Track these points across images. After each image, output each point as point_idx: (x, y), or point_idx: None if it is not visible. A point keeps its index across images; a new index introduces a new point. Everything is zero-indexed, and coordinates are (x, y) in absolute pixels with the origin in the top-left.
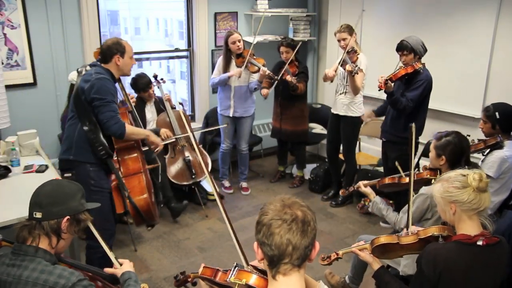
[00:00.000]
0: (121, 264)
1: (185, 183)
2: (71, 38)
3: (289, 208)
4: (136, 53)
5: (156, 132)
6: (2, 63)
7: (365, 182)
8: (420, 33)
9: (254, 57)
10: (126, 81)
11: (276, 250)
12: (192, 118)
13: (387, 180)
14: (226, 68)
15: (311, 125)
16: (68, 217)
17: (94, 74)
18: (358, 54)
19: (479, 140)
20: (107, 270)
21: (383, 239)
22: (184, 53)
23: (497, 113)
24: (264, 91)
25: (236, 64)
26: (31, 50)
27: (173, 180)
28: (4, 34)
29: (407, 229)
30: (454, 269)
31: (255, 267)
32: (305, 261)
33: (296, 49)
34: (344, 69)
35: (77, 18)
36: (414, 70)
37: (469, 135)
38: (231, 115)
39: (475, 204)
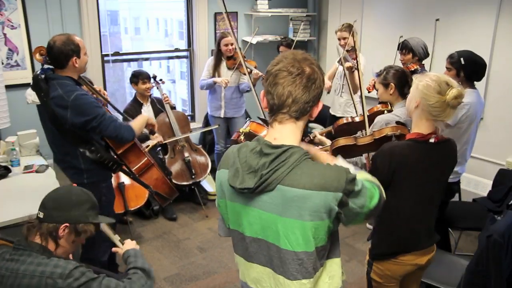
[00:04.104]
0: (123, 244)
1: (185, 183)
2: None
3: (298, 62)
4: (136, 53)
5: (147, 137)
6: (2, 63)
7: (321, 131)
8: (420, 33)
9: (246, 59)
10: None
11: (276, 99)
12: (192, 118)
13: (343, 121)
14: (215, 68)
15: (311, 125)
16: (66, 224)
17: (64, 93)
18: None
19: None
20: (115, 249)
21: (342, 141)
22: (184, 53)
23: (462, 59)
24: None
25: (226, 65)
26: (31, 50)
27: (173, 181)
28: (4, 34)
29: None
30: (407, 164)
31: (263, 120)
32: (304, 115)
33: (292, 47)
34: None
35: (77, 18)
36: (409, 71)
37: None
38: (222, 116)
39: (437, 111)
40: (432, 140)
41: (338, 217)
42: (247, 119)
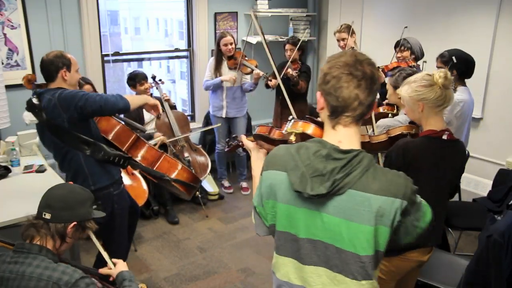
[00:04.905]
0: (114, 264)
1: None
2: (71, 38)
3: (360, 64)
4: (136, 53)
5: (150, 137)
6: (2, 63)
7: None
8: (420, 33)
9: (246, 58)
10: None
11: (342, 102)
12: (192, 118)
13: None
14: (217, 68)
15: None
16: (75, 222)
17: (51, 96)
18: None
19: None
20: (102, 271)
21: None
22: (184, 53)
23: (454, 58)
24: (273, 81)
25: (228, 65)
26: (31, 50)
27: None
28: (4, 34)
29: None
30: (421, 159)
31: (311, 118)
32: (362, 118)
33: (297, 46)
34: None
35: (77, 18)
36: (407, 66)
37: None
38: (223, 116)
39: (441, 100)
40: (445, 137)
41: (398, 228)
42: (291, 118)
